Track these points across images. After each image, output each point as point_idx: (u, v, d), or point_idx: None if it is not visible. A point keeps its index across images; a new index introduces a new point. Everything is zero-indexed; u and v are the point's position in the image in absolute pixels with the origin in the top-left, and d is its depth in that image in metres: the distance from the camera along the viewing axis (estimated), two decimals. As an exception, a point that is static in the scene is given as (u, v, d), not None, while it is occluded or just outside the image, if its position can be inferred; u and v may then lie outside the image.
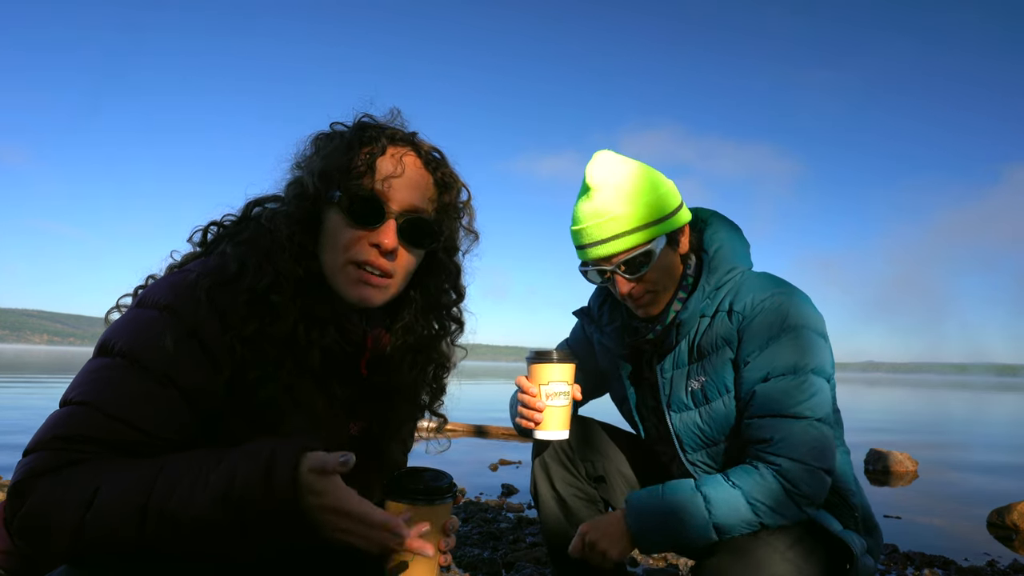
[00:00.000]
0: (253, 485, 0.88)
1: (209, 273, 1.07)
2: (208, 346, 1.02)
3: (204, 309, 1.03)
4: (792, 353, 1.49)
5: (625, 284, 1.57)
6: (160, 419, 0.98)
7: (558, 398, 1.56)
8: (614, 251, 1.53)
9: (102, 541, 0.88)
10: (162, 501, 0.87)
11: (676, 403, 1.64)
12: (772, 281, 1.59)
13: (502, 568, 2.83)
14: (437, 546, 1.06)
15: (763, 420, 1.48)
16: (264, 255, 1.09)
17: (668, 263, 1.59)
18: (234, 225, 1.18)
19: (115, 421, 0.95)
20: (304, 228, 1.11)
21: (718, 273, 1.60)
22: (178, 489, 0.88)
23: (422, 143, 1.19)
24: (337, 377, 1.18)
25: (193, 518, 0.87)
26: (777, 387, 1.48)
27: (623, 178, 1.54)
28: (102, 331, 1.06)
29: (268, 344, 1.06)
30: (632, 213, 1.52)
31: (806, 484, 1.43)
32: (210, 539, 0.89)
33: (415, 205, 1.15)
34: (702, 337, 1.60)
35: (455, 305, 1.31)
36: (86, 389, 0.97)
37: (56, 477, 0.90)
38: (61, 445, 0.93)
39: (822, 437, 1.47)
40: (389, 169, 1.12)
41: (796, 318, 1.51)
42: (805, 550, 1.44)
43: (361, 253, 1.11)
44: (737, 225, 1.71)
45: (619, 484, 1.83)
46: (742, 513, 1.42)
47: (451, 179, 1.21)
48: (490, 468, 5.66)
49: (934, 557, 3.29)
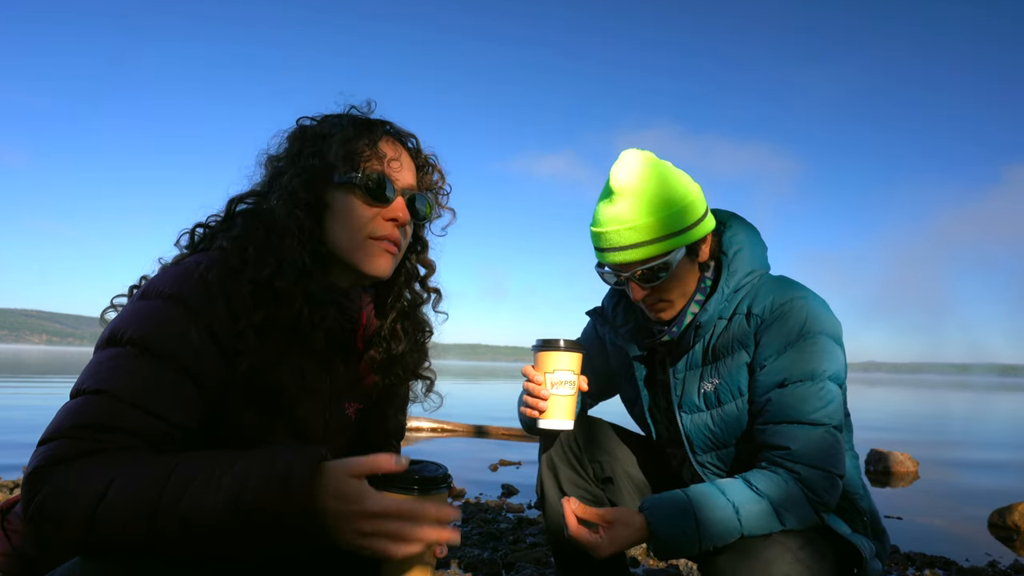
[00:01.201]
0: (268, 491, 0.87)
1: (212, 264, 1.09)
2: (217, 334, 1.04)
3: (212, 297, 1.05)
4: (810, 359, 1.48)
5: (639, 292, 1.56)
6: (176, 406, 0.99)
7: (563, 387, 1.53)
8: (631, 259, 1.51)
9: (112, 535, 0.87)
10: (173, 501, 0.87)
11: (688, 404, 1.63)
12: (791, 285, 1.57)
13: (502, 568, 2.82)
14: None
15: (779, 426, 1.47)
16: (263, 245, 1.12)
17: (685, 273, 1.57)
18: (222, 223, 1.21)
19: (133, 408, 0.95)
20: (309, 212, 1.17)
21: (737, 276, 1.58)
22: (190, 489, 0.87)
23: (402, 131, 1.30)
24: (339, 356, 1.24)
25: (204, 520, 0.87)
26: (795, 393, 1.47)
27: (647, 185, 1.50)
28: (100, 331, 1.06)
29: (275, 330, 1.09)
30: (653, 224, 1.48)
31: (825, 491, 1.43)
32: (220, 541, 0.89)
33: (412, 184, 1.27)
34: (718, 339, 1.59)
35: (429, 277, 1.41)
36: (101, 377, 0.97)
37: (73, 466, 0.90)
38: (79, 434, 0.92)
39: (837, 443, 1.47)
40: (390, 152, 1.23)
41: (814, 323, 1.50)
42: (816, 551, 1.44)
43: (380, 228, 1.20)
44: (755, 227, 1.70)
45: (627, 486, 1.82)
46: (769, 521, 1.42)
47: (427, 162, 1.33)
48: (490, 468, 5.65)
49: (935, 558, 3.29)
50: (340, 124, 1.22)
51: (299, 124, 1.25)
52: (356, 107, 1.28)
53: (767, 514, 1.42)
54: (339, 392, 1.27)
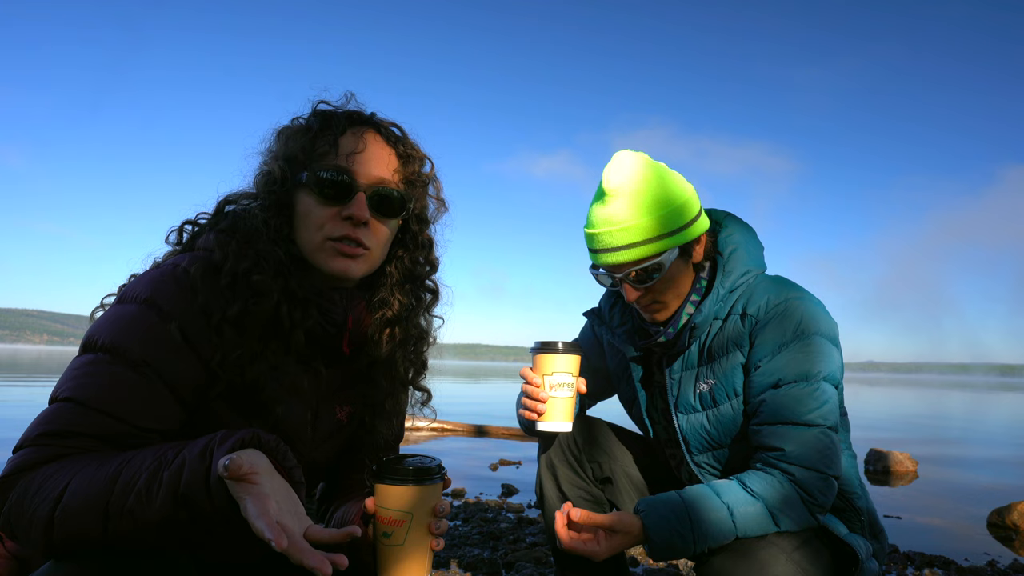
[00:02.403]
0: (196, 482, 0.85)
1: (192, 263, 1.09)
2: (190, 336, 1.04)
3: (185, 299, 1.05)
4: (804, 360, 1.47)
5: (633, 292, 1.56)
6: (146, 411, 1.00)
7: (562, 389, 1.53)
8: (624, 260, 1.50)
9: (72, 538, 0.89)
10: (122, 498, 0.87)
11: (684, 405, 1.64)
12: (786, 285, 1.57)
13: (502, 568, 2.82)
14: (428, 529, 1.08)
15: (774, 427, 1.47)
16: (244, 241, 1.12)
17: (679, 274, 1.57)
18: (211, 220, 1.21)
19: (100, 415, 0.96)
20: (277, 213, 1.15)
21: (732, 276, 1.58)
22: (137, 485, 0.87)
23: (380, 120, 1.23)
24: (321, 358, 1.21)
25: (151, 515, 0.86)
26: (789, 394, 1.46)
27: (640, 186, 1.49)
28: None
29: (253, 325, 1.08)
30: (645, 225, 1.48)
31: (820, 492, 1.43)
32: (173, 535, 0.89)
33: (381, 178, 1.18)
34: (713, 339, 1.59)
35: (429, 276, 1.34)
36: (71, 385, 0.99)
37: (35, 473, 0.92)
38: (46, 441, 0.95)
39: (832, 444, 1.46)
40: (352, 146, 1.16)
41: (809, 324, 1.50)
42: (811, 552, 1.44)
43: (337, 228, 1.15)
44: (751, 227, 1.70)
45: (626, 486, 1.82)
46: (764, 523, 1.42)
47: (413, 151, 1.25)
48: (490, 468, 5.65)
49: (934, 557, 3.29)
50: (302, 123, 1.20)
51: (277, 126, 1.23)
52: (326, 101, 1.23)
53: (762, 516, 1.42)
54: (327, 396, 1.25)
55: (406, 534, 1.06)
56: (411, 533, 1.06)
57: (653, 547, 1.43)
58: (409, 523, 1.06)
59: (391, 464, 1.09)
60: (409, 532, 1.06)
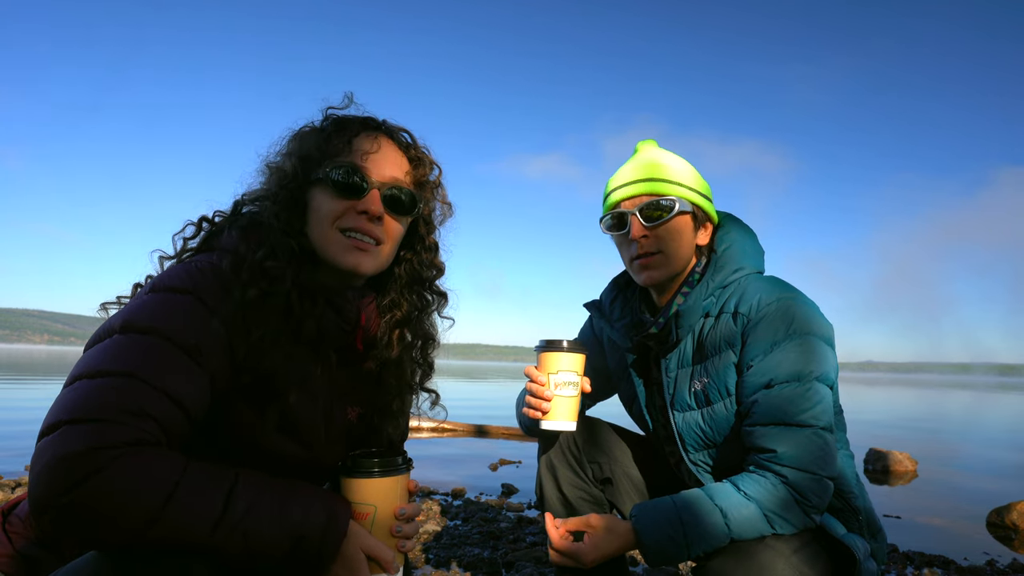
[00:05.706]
0: (315, 530, 1.00)
1: (223, 258, 1.12)
2: (229, 332, 1.06)
3: (222, 292, 1.07)
4: (796, 360, 1.46)
5: (639, 229, 1.59)
6: (194, 395, 1.00)
7: (567, 388, 1.52)
8: (641, 191, 1.60)
9: (172, 536, 0.89)
10: (240, 514, 0.93)
11: (680, 403, 1.64)
12: (779, 285, 1.57)
13: (502, 568, 2.83)
14: (394, 516, 1.13)
15: (767, 428, 1.45)
16: (261, 234, 1.15)
17: (684, 231, 1.62)
18: (229, 218, 1.23)
19: (161, 395, 0.95)
20: (289, 209, 1.17)
21: (724, 272, 1.59)
22: (255, 509, 0.95)
23: (392, 126, 1.28)
24: (335, 352, 1.23)
25: (262, 542, 0.95)
26: (782, 395, 1.45)
27: (670, 153, 1.67)
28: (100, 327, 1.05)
29: (269, 311, 1.10)
30: (672, 168, 1.63)
31: (814, 494, 1.42)
32: (259, 559, 0.96)
33: (395, 177, 1.23)
34: (706, 338, 1.59)
35: (436, 279, 1.37)
36: (128, 360, 0.95)
37: (127, 460, 0.87)
38: (120, 418, 0.89)
39: (825, 445, 1.45)
40: (366, 147, 1.21)
41: (801, 323, 1.49)
42: (810, 554, 1.43)
43: (350, 220, 1.18)
44: (751, 230, 1.71)
45: (626, 487, 1.82)
46: (758, 526, 1.41)
47: (423, 156, 1.29)
48: (490, 468, 5.65)
49: (934, 557, 3.30)
50: (316, 126, 1.24)
51: (292, 130, 1.26)
52: (335, 106, 1.27)
53: (756, 518, 1.41)
54: (340, 394, 1.26)
55: (371, 527, 1.11)
56: (375, 527, 1.11)
57: (646, 551, 1.43)
58: (373, 515, 1.11)
59: (357, 459, 1.13)
60: (374, 525, 1.11)
